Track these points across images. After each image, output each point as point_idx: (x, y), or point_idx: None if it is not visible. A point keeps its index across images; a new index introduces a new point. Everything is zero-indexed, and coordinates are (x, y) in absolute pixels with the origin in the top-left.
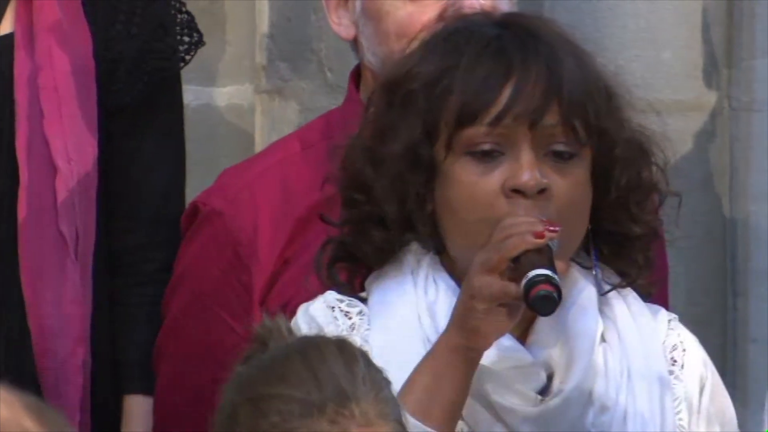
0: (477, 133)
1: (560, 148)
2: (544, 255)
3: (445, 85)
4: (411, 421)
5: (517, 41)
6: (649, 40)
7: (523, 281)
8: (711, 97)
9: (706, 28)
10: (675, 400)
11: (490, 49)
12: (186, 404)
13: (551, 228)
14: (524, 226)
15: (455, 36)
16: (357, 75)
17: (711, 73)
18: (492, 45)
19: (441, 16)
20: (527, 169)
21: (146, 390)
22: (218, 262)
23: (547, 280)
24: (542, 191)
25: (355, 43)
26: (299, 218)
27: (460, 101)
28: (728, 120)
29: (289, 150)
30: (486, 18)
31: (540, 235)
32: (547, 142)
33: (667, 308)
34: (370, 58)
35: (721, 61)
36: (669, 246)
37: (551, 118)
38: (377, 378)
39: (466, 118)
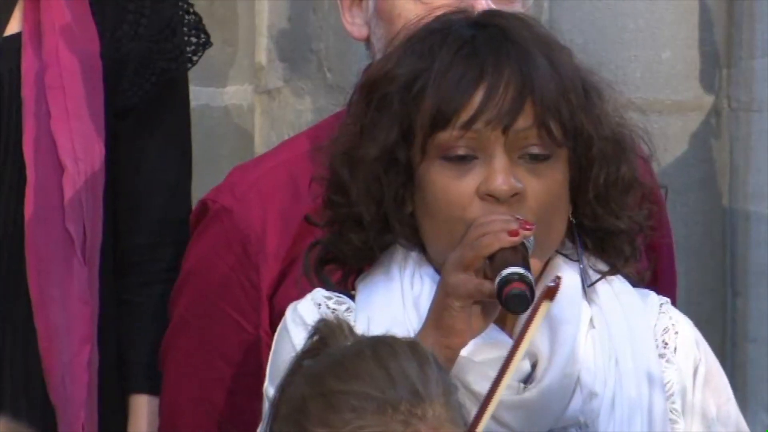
0: (450, 137)
1: (535, 150)
2: (518, 253)
3: (419, 88)
4: None
5: (490, 44)
6: (648, 40)
7: (497, 279)
8: (710, 97)
9: (705, 27)
10: (667, 383)
11: (463, 52)
12: (193, 402)
13: (526, 226)
14: (499, 225)
15: (431, 37)
16: None
17: (710, 73)
18: (465, 48)
19: None
20: (500, 174)
21: (152, 389)
22: (227, 259)
23: (520, 278)
24: (516, 195)
25: (367, 43)
26: (306, 217)
27: (432, 105)
28: (728, 120)
29: (299, 149)
30: (463, 17)
31: (514, 234)
32: (521, 145)
33: None
34: None
35: (720, 61)
36: None
37: (524, 122)
38: (448, 382)
39: (439, 122)
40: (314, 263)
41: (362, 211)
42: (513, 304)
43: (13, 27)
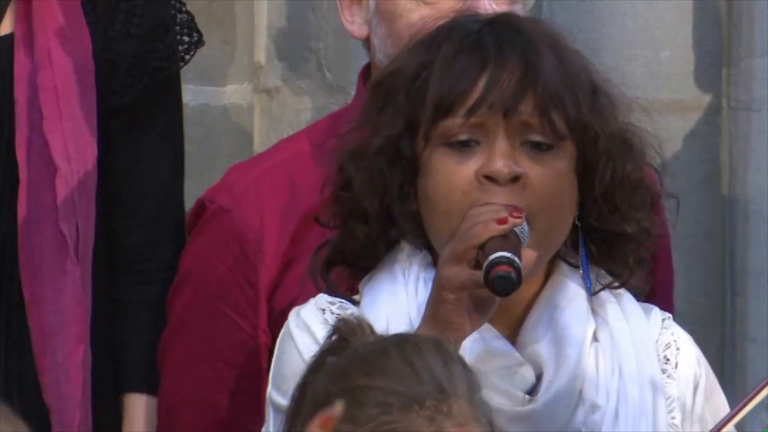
0: (453, 124)
1: (537, 138)
2: (509, 242)
3: (423, 78)
4: None
5: (495, 35)
6: (647, 39)
7: (485, 263)
8: (710, 97)
9: (705, 27)
10: (668, 398)
11: (467, 42)
12: (191, 402)
13: (514, 213)
14: (488, 214)
15: (439, 33)
16: (366, 74)
17: (710, 72)
18: (470, 39)
19: None
20: (500, 157)
21: (148, 389)
22: (224, 259)
23: (508, 262)
24: (516, 179)
25: (366, 42)
26: (304, 216)
27: (436, 93)
28: (727, 119)
29: (297, 148)
30: (475, 17)
31: (503, 221)
32: (522, 132)
33: (672, 315)
34: (382, 59)
35: (720, 61)
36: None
37: (526, 107)
38: (472, 379)
39: (443, 109)
40: (321, 264)
41: (365, 203)
42: (498, 285)
43: (6, 28)
